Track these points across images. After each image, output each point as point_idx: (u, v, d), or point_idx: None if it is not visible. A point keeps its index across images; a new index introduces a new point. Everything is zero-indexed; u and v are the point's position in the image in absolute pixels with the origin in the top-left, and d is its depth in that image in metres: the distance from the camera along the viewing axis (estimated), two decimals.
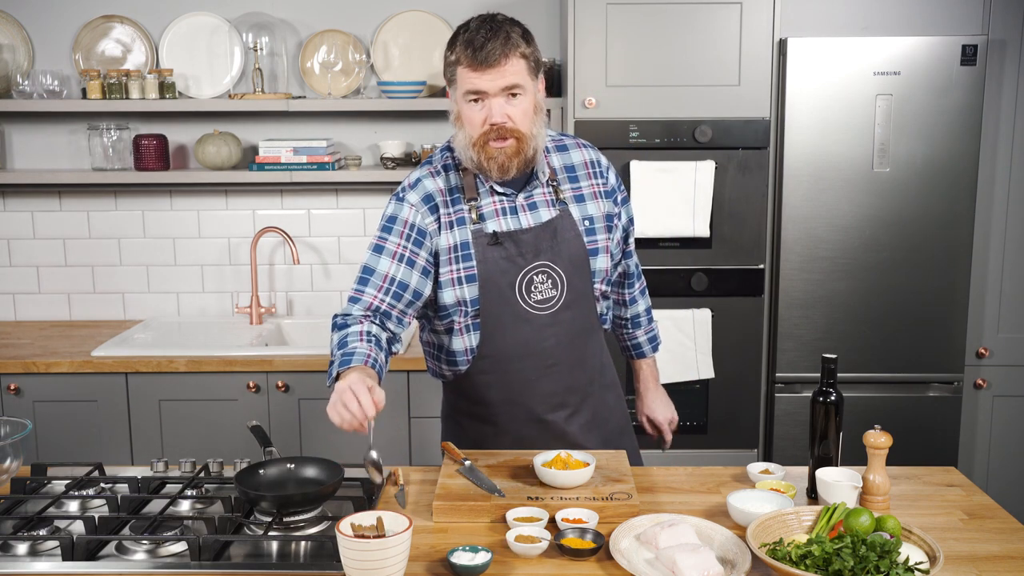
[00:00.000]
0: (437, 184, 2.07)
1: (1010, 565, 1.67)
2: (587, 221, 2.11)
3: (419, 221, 2.04)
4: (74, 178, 3.47)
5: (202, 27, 3.52)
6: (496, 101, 1.94)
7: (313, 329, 3.61)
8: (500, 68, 1.92)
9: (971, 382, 3.37)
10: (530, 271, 2.05)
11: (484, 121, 1.96)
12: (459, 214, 2.06)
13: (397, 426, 3.15)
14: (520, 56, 1.95)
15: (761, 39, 3.07)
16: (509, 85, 1.94)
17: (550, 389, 2.13)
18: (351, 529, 1.57)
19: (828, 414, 1.92)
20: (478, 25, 1.95)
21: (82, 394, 3.12)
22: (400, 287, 2.03)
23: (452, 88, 2.01)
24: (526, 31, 2.00)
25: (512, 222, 2.06)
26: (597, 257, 2.12)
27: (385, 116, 3.60)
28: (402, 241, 2.03)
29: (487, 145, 1.97)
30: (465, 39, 1.94)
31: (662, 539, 1.66)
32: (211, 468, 2.08)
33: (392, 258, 2.03)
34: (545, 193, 2.10)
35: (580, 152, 2.17)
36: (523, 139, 1.98)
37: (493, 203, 2.07)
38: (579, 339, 2.14)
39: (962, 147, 3.12)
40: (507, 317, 2.06)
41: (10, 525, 1.79)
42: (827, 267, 3.18)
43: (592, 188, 2.14)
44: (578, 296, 2.11)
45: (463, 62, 1.94)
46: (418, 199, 2.06)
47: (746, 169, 3.14)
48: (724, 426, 3.26)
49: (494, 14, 1.99)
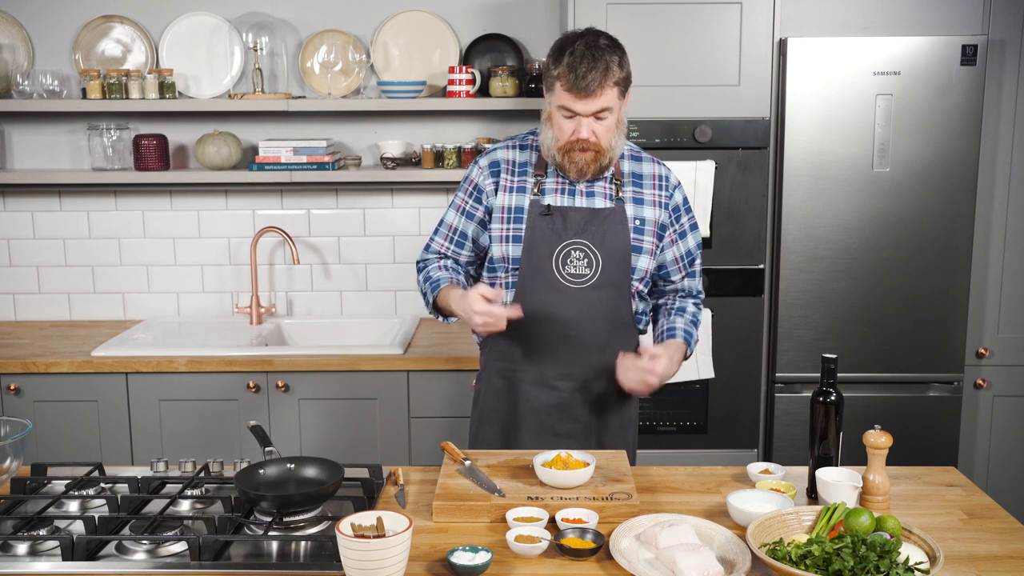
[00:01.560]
0: (509, 155, 2.33)
1: (1010, 565, 1.67)
2: (638, 221, 2.29)
3: (480, 181, 2.33)
4: (74, 178, 3.47)
5: (202, 27, 3.52)
6: (586, 120, 2.16)
7: (313, 329, 3.61)
8: (595, 98, 2.13)
9: (971, 382, 3.37)
10: (569, 245, 2.24)
11: (572, 132, 2.17)
12: (522, 183, 2.30)
13: (397, 426, 3.15)
14: (614, 84, 2.15)
15: (761, 39, 3.08)
16: (600, 109, 2.15)
17: (563, 357, 2.29)
18: (351, 529, 1.57)
19: (828, 414, 1.93)
20: (583, 51, 2.12)
21: (82, 394, 3.12)
22: (461, 236, 2.36)
23: (548, 93, 2.21)
24: (623, 55, 2.18)
25: (567, 200, 2.27)
26: (640, 255, 2.28)
27: (385, 116, 3.60)
28: (466, 197, 2.35)
29: (571, 153, 2.20)
30: (569, 63, 2.12)
31: (662, 539, 1.66)
32: (211, 468, 2.08)
33: (457, 211, 2.36)
34: (606, 188, 2.29)
35: (652, 166, 2.36)
36: (602, 151, 2.20)
37: (556, 182, 2.29)
38: (603, 322, 2.27)
39: (962, 147, 3.12)
40: (540, 281, 2.25)
41: (10, 525, 1.79)
42: (827, 267, 3.18)
43: (653, 197, 2.32)
44: (611, 283, 2.26)
45: (563, 82, 2.13)
46: (486, 163, 2.34)
47: (746, 169, 3.14)
48: (724, 426, 3.26)
49: (598, 35, 2.17)
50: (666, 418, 3.26)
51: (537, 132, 2.32)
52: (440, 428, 3.11)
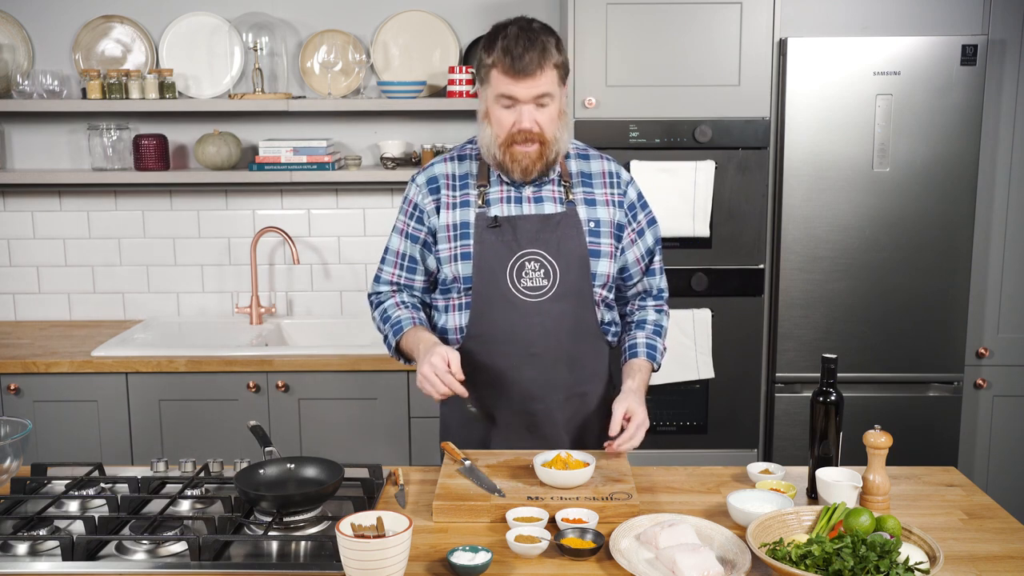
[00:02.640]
0: (447, 169, 2.21)
1: (1010, 565, 1.67)
2: (592, 223, 2.16)
3: (420, 200, 2.19)
4: (74, 178, 3.47)
5: (202, 27, 3.52)
6: (527, 108, 2.04)
7: (313, 329, 3.61)
8: (534, 79, 2.01)
9: (971, 382, 3.37)
10: (523, 256, 2.12)
11: (513, 124, 2.05)
12: (465, 197, 2.17)
13: (397, 426, 3.15)
14: (553, 67, 2.04)
15: (761, 39, 3.08)
16: (541, 94, 2.03)
17: (530, 378, 2.15)
18: (351, 529, 1.57)
19: (828, 414, 1.92)
20: (517, 33, 2.03)
21: (82, 394, 3.12)
22: (411, 261, 2.22)
23: (483, 87, 2.10)
24: (558, 39, 2.07)
25: (515, 209, 2.15)
26: (599, 260, 2.15)
27: (385, 116, 3.60)
28: (407, 219, 2.22)
29: (512, 147, 2.07)
30: (504, 46, 2.02)
31: (662, 539, 1.66)
32: (211, 468, 2.08)
33: (400, 235, 2.22)
34: (554, 191, 2.17)
35: (601, 163, 2.24)
36: (547, 144, 2.08)
37: (500, 190, 2.17)
38: (567, 336, 2.15)
39: (962, 147, 3.12)
40: (496, 298, 2.12)
41: (10, 525, 1.79)
42: (827, 267, 3.18)
43: (605, 196, 2.20)
44: (572, 293, 2.13)
45: (499, 67, 2.02)
46: (424, 181, 2.21)
47: (746, 169, 3.14)
48: (724, 426, 3.26)
49: (531, 20, 2.08)
50: (666, 418, 3.26)
51: (475, 140, 2.19)
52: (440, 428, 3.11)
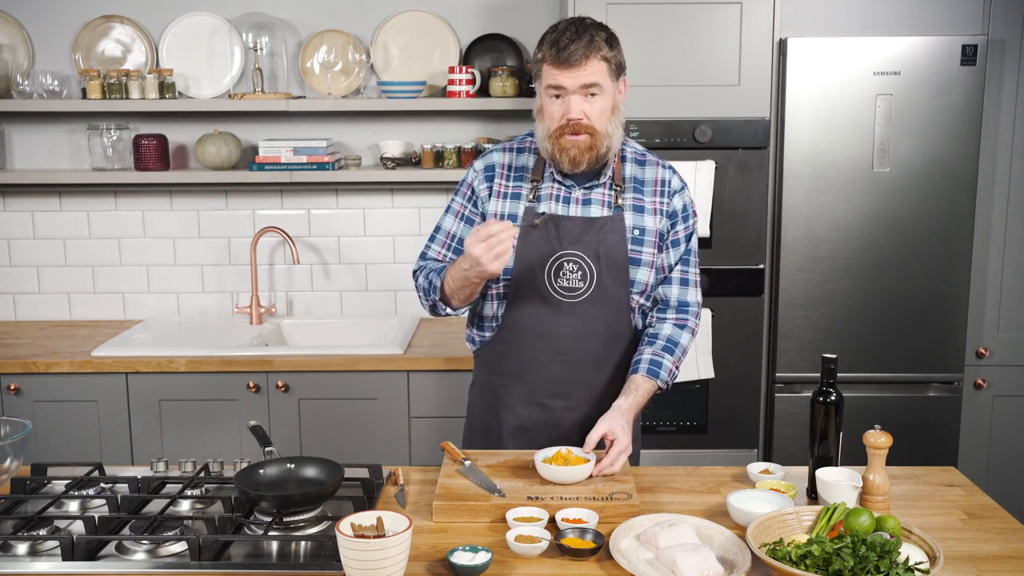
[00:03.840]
0: (504, 159, 2.24)
1: (1010, 565, 1.67)
2: (637, 231, 2.17)
3: (476, 184, 2.24)
4: (74, 178, 3.47)
5: (202, 27, 3.52)
6: (575, 98, 2.04)
7: (313, 329, 3.61)
8: (581, 68, 2.02)
9: (971, 382, 3.37)
10: (562, 256, 2.14)
11: (562, 115, 2.06)
12: (517, 189, 2.20)
13: (397, 426, 3.15)
14: (601, 59, 2.05)
15: (761, 39, 3.08)
16: (588, 83, 2.04)
17: (556, 376, 2.18)
18: (351, 529, 1.57)
19: (828, 414, 1.93)
20: (566, 26, 2.06)
21: (82, 394, 3.12)
22: (459, 243, 2.23)
23: (537, 83, 2.13)
24: (611, 36, 2.09)
25: (562, 208, 2.17)
26: (639, 268, 2.16)
27: (385, 116, 3.60)
28: (464, 201, 2.25)
29: (562, 138, 2.08)
30: (551, 39, 2.05)
31: (662, 539, 1.66)
32: (211, 468, 2.08)
33: (455, 216, 2.26)
34: (604, 194, 2.18)
35: (656, 169, 2.23)
36: (596, 136, 2.07)
37: (552, 188, 2.18)
38: (599, 339, 2.17)
39: (962, 147, 3.12)
40: (531, 294, 2.15)
41: (10, 525, 1.79)
42: (827, 267, 3.18)
43: (654, 204, 2.20)
44: (608, 297, 2.15)
45: (547, 59, 2.05)
46: (481, 167, 2.25)
47: (746, 169, 3.14)
48: (724, 426, 3.26)
49: (583, 18, 2.10)
50: (666, 418, 3.26)
51: (531, 134, 2.23)
52: (440, 428, 3.11)
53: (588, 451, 1.99)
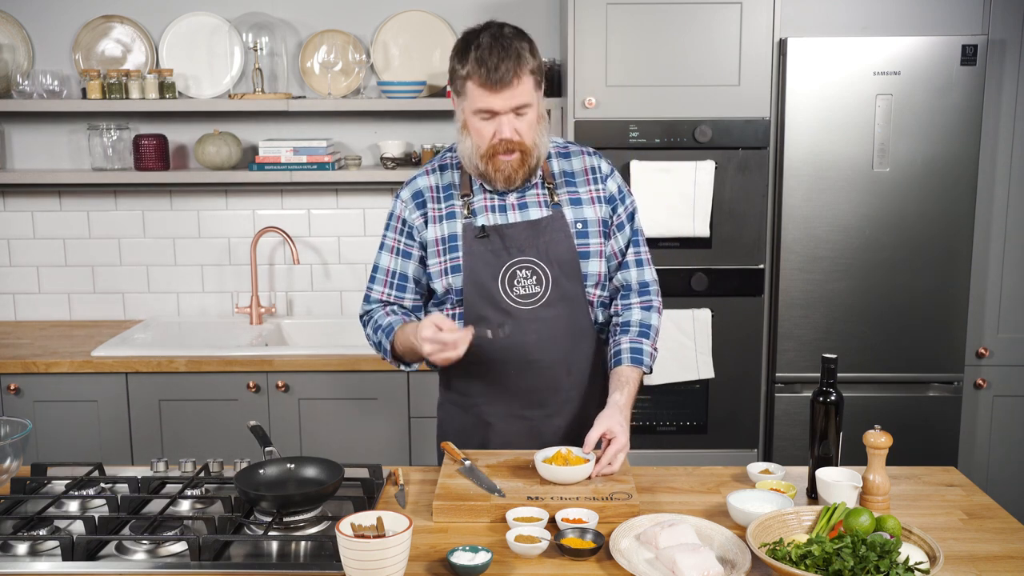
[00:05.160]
0: (430, 181, 2.18)
1: (1010, 565, 1.67)
2: (580, 224, 2.14)
3: (407, 216, 2.17)
4: (74, 178, 3.47)
5: (202, 27, 3.52)
6: (506, 118, 2.01)
7: (313, 329, 3.61)
8: (512, 89, 1.98)
9: (971, 382, 3.37)
10: (513, 265, 2.10)
11: (494, 135, 2.02)
12: (450, 208, 2.15)
13: (397, 426, 3.15)
14: (529, 73, 2.01)
15: (761, 39, 3.07)
16: (519, 104, 2.01)
17: (529, 385, 2.15)
18: (351, 529, 1.57)
19: (828, 414, 1.92)
20: (490, 43, 1.99)
21: (82, 394, 3.12)
22: (401, 279, 2.19)
23: (460, 99, 2.05)
24: (531, 44, 2.05)
25: (500, 218, 2.13)
26: (589, 260, 2.14)
27: (385, 116, 3.60)
28: (396, 235, 2.19)
29: (495, 158, 2.04)
30: (477, 57, 1.98)
31: (662, 539, 1.66)
32: (211, 468, 2.08)
33: (391, 252, 2.19)
34: (539, 194, 2.14)
35: (582, 159, 2.20)
36: (528, 151, 2.05)
37: (484, 199, 2.14)
38: (564, 340, 2.14)
39: (962, 147, 3.12)
40: (489, 308, 2.11)
41: (10, 525, 1.79)
42: (827, 267, 3.18)
43: (590, 193, 2.17)
44: (566, 296, 2.13)
45: (474, 79, 1.99)
46: (408, 196, 2.18)
47: (746, 169, 3.14)
48: (724, 426, 3.26)
49: (501, 26, 2.04)
50: (666, 418, 3.26)
51: (454, 149, 2.17)
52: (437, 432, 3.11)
53: (588, 451, 1.99)
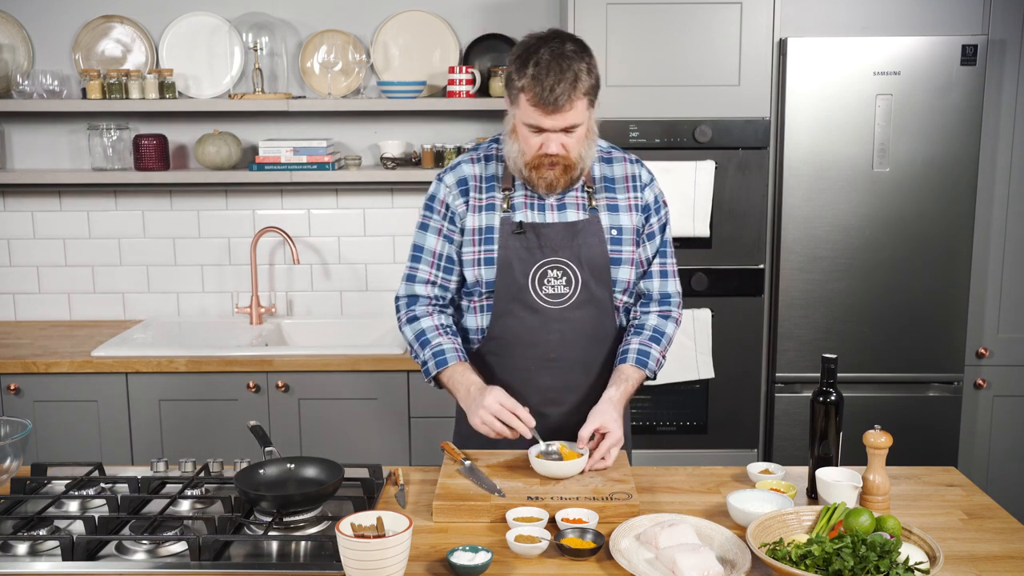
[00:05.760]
0: (474, 170, 2.18)
1: (1010, 565, 1.67)
2: (615, 231, 2.16)
3: (451, 201, 2.17)
4: (74, 178, 3.47)
5: (202, 27, 3.52)
6: (554, 135, 2.01)
7: (313, 329, 3.61)
8: (563, 113, 1.98)
9: (971, 382, 3.37)
10: (545, 264, 2.12)
11: (540, 147, 2.03)
12: (491, 200, 2.16)
13: (397, 426, 3.15)
14: (583, 95, 1.99)
15: (761, 39, 3.07)
16: (570, 125, 2.00)
17: (548, 383, 2.17)
18: (351, 529, 1.57)
19: (828, 414, 1.93)
20: (549, 61, 1.96)
21: (82, 394, 3.12)
22: (448, 261, 2.19)
23: (512, 104, 2.05)
24: (591, 61, 2.01)
25: (538, 216, 2.14)
26: (620, 267, 2.16)
27: (385, 116, 3.60)
28: (441, 220, 2.18)
29: (540, 168, 2.06)
30: (534, 74, 1.96)
31: (662, 539, 1.66)
32: (211, 468, 2.08)
33: (437, 235, 2.19)
34: (578, 197, 2.16)
35: (624, 166, 2.21)
36: (572, 164, 2.06)
37: (524, 196, 2.15)
38: (587, 342, 2.17)
39: (962, 147, 3.12)
40: (517, 304, 2.13)
41: (10, 525, 1.79)
42: (827, 267, 3.18)
43: (628, 200, 2.19)
44: (593, 300, 2.15)
45: (528, 95, 1.98)
46: (453, 181, 2.18)
47: (746, 169, 3.14)
48: (724, 426, 3.26)
49: (564, 41, 2.00)
50: (666, 418, 3.26)
51: (499, 140, 2.18)
52: (440, 428, 3.11)
53: (582, 446, 2.00)
